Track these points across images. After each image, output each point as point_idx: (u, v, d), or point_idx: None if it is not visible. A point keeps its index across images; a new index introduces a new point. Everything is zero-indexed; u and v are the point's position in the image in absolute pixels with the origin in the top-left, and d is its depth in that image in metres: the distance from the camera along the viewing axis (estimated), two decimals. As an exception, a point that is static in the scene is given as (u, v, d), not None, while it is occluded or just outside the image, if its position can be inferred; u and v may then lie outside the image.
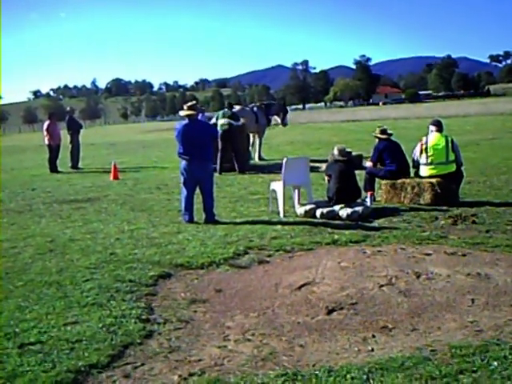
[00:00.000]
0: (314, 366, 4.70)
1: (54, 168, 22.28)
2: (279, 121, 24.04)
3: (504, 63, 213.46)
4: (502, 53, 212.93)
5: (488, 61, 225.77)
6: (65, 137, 23.61)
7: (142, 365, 4.88)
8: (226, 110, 19.33)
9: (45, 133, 22.84)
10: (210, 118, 20.31)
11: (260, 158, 22.35)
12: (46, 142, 22.76)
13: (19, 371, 4.71)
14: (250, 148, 21.74)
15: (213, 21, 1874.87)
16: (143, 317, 5.94)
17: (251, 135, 22.14)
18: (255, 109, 22.71)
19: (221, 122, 18.54)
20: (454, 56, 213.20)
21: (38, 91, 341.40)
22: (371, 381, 4.37)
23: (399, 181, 11.68)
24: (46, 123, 23.16)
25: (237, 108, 22.47)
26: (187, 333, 5.55)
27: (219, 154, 17.88)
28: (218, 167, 17.52)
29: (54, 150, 22.51)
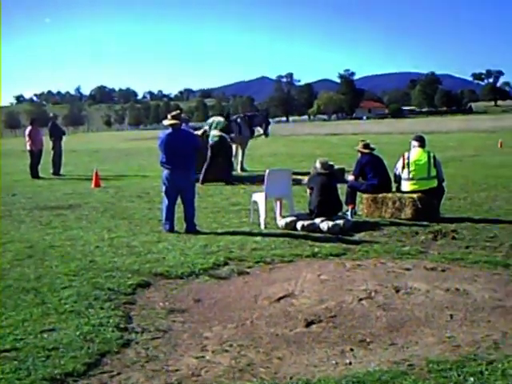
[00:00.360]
0: (291, 378, 4.69)
1: (35, 174, 22.15)
2: (261, 131, 23.99)
3: (486, 81, 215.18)
4: (484, 71, 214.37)
5: (471, 79, 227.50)
6: (47, 143, 23.50)
7: (119, 374, 4.84)
8: (222, 120, 19.32)
9: (27, 138, 22.73)
10: (195, 129, 20.28)
11: (242, 170, 22.32)
12: (28, 147, 22.64)
13: (-7, 378, 4.66)
14: (233, 159, 21.74)
15: (198, 31, 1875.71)
16: (121, 325, 5.90)
17: (234, 146, 22.16)
18: (239, 120, 22.71)
19: (213, 132, 18.54)
20: (437, 73, 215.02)
21: (21, 96, 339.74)
22: (348, 394, 4.38)
23: (380, 195, 11.72)
24: (28, 129, 23.06)
25: (219, 119, 22.49)
26: (165, 342, 5.52)
27: (206, 164, 17.87)
28: (201, 177, 17.49)
29: (35, 156, 22.39)
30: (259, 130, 23.96)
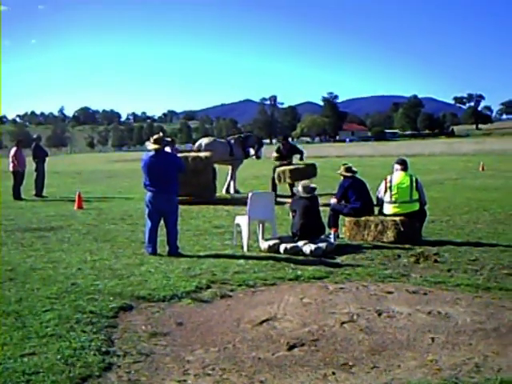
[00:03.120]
0: (273, 402, 4.68)
1: (17, 195, 22.03)
2: (252, 152, 23.88)
3: (468, 105, 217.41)
4: (465, 95, 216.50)
5: (452, 102, 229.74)
6: (30, 164, 23.41)
7: (100, 398, 4.81)
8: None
9: (11, 159, 22.59)
10: (179, 151, 20.35)
11: (228, 192, 22.26)
12: (11, 168, 22.52)
13: (-27, 403, 4.61)
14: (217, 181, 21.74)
15: (182, 53, 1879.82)
16: (103, 349, 5.86)
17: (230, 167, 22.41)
18: (232, 141, 22.78)
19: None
20: (420, 96, 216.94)
21: (4, 117, 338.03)
22: (330, 418, 4.37)
23: (363, 218, 11.76)
24: (14, 150, 22.93)
25: (206, 140, 22.49)
26: (147, 366, 5.49)
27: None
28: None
29: (19, 177, 22.28)
30: (250, 152, 23.88)
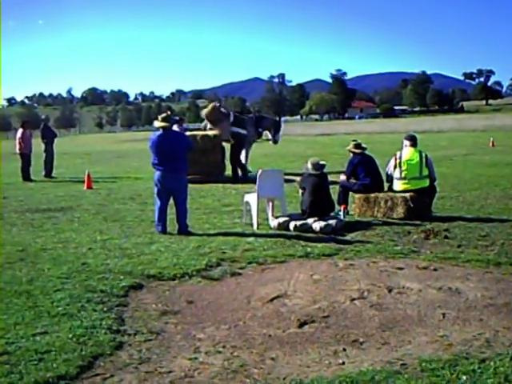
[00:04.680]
0: (284, 379, 4.68)
1: (26, 176, 22.09)
2: (270, 136, 22.78)
3: (477, 81, 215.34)
4: (475, 71, 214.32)
5: (462, 78, 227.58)
6: (39, 145, 23.44)
7: (112, 376, 4.82)
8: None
9: (18, 141, 22.60)
10: (187, 130, 20.24)
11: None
12: (18, 150, 22.54)
13: (-15, 382, 4.63)
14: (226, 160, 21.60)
15: (189, 32, 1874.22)
16: (114, 327, 5.88)
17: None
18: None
19: None
20: (428, 72, 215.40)
21: (13, 98, 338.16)
22: (341, 394, 4.37)
23: (373, 195, 11.73)
24: (20, 131, 22.95)
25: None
26: (158, 344, 5.50)
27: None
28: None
29: (26, 159, 22.31)
30: (267, 135, 23.16)
